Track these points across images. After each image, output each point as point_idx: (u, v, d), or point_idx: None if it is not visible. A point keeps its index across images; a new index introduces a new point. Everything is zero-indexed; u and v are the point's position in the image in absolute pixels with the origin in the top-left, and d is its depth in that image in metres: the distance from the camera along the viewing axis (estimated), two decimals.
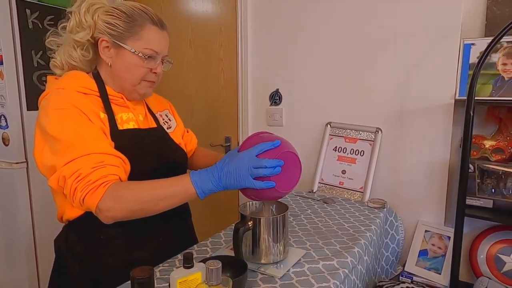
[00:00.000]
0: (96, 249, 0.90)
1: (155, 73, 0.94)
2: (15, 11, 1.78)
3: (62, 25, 0.93)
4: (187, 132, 1.23)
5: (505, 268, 1.29)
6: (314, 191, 1.61)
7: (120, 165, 0.84)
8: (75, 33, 0.90)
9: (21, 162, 1.85)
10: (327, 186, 1.60)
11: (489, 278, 1.28)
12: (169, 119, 1.12)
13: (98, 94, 0.90)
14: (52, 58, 0.95)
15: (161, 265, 0.91)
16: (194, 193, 0.79)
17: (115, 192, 0.77)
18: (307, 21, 1.65)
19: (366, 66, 1.54)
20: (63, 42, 0.94)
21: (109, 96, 0.92)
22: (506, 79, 1.23)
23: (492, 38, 1.09)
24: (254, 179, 0.78)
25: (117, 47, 0.89)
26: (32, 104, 1.87)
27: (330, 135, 1.64)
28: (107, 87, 0.92)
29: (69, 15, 0.91)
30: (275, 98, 1.79)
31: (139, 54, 0.89)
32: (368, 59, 1.53)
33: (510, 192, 1.21)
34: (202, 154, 1.22)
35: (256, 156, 0.79)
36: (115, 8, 0.90)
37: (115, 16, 0.89)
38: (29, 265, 1.89)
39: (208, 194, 0.80)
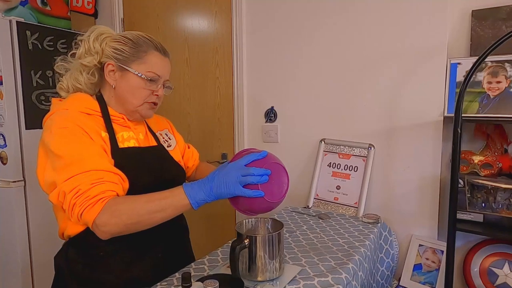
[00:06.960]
0: (94, 266, 0.92)
1: (156, 95, 0.99)
2: (15, 33, 1.82)
3: (71, 52, 1.00)
4: (188, 148, 1.26)
5: (498, 281, 1.31)
6: (310, 206, 1.64)
7: (119, 182, 0.87)
8: (83, 58, 0.96)
9: (19, 181, 1.86)
10: (322, 202, 1.63)
11: None
12: (169, 138, 1.16)
13: (100, 114, 0.95)
14: (59, 81, 1.00)
15: (159, 284, 0.92)
16: (187, 203, 0.83)
17: (111, 207, 0.80)
18: (300, 41, 1.71)
19: (358, 84, 1.59)
20: (71, 68, 0.99)
21: (111, 117, 0.96)
22: (491, 97, 1.28)
23: (477, 57, 1.15)
24: (243, 187, 0.82)
25: (122, 70, 0.95)
26: (31, 123, 1.89)
27: (324, 151, 1.67)
28: (109, 108, 0.97)
29: (79, 43, 0.98)
30: (270, 115, 1.83)
31: (142, 77, 0.94)
32: (360, 78, 1.58)
33: (500, 206, 1.24)
34: (205, 168, 1.25)
35: (244, 165, 0.84)
36: (122, 36, 0.97)
37: (122, 43, 0.95)
38: (24, 285, 1.88)
39: (201, 204, 0.84)
